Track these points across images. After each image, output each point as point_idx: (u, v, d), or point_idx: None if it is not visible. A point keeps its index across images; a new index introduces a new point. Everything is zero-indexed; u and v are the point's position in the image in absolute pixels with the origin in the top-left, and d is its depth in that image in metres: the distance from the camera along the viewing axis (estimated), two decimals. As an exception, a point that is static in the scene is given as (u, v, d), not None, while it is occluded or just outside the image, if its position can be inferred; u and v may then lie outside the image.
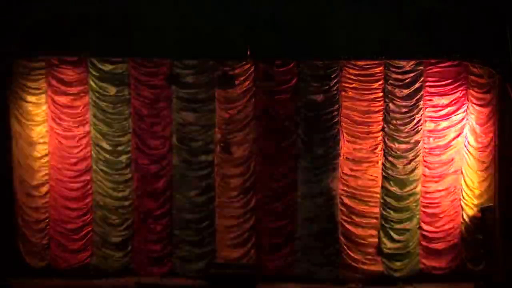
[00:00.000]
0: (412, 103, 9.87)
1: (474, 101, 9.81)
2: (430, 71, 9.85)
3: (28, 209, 10.16)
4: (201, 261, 10.00)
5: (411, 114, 9.88)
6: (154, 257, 10.07)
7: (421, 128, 9.89)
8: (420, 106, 9.88)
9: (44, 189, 10.18)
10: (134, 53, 9.69)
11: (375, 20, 9.18)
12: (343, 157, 9.99)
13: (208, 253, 10.04)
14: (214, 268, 9.43)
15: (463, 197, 9.94)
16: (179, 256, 10.08)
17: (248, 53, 9.12)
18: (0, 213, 9.90)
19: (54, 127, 10.13)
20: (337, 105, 9.94)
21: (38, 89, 10.13)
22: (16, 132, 10.13)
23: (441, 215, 9.96)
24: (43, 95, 10.13)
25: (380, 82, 9.90)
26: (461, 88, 9.84)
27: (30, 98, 10.12)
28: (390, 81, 9.87)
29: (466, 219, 9.90)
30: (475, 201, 9.84)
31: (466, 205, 9.91)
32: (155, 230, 10.09)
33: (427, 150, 9.93)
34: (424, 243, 9.97)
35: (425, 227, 9.96)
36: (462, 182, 9.94)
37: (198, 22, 9.25)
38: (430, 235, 9.96)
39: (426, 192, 9.95)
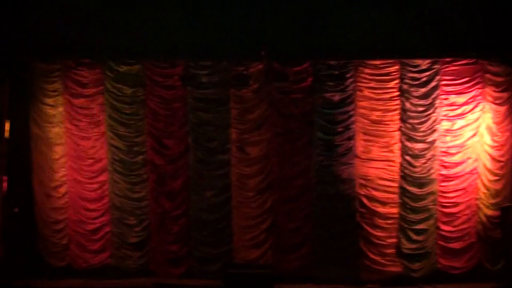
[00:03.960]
0: (428, 102, 9.79)
1: (491, 99, 9.72)
2: (446, 69, 9.77)
3: (47, 209, 10.23)
4: (219, 261, 9.96)
5: (428, 113, 9.80)
6: (172, 258, 10.08)
7: (437, 127, 9.81)
8: (436, 105, 9.79)
9: (63, 189, 10.26)
10: (149, 54, 9.72)
11: (390, 18, 9.18)
12: (360, 157, 9.93)
13: (225, 254, 10.01)
14: (232, 268, 9.41)
15: (480, 196, 9.86)
16: (197, 256, 10.06)
17: (263, 53, 9.10)
18: (20, 214, 10.03)
19: (70, 128, 10.21)
20: (353, 105, 9.89)
21: (55, 91, 10.22)
22: (34, 133, 10.22)
23: (458, 215, 9.87)
24: (60, 97, 10.22)
25: (396, 81, 9.83)
26: (478, 87, 9.76)
27: (48, 100, 10.21)
28: (406, 80, 9.81)
29: (483, 218, 9.81)
30: (492, 200, 9.74)
31: (483, 204, 9.82)
32: (172, 230, 10.09)
33: (443, 150, 9.83)
34: (441, 242, 9.87)
35: (442, 226, 9.87)
36: (479, 181, 9.84)
37: (213, 23, 9.29)
38: (447, 234, 9.87)
39: (443, 192, 9.86)
